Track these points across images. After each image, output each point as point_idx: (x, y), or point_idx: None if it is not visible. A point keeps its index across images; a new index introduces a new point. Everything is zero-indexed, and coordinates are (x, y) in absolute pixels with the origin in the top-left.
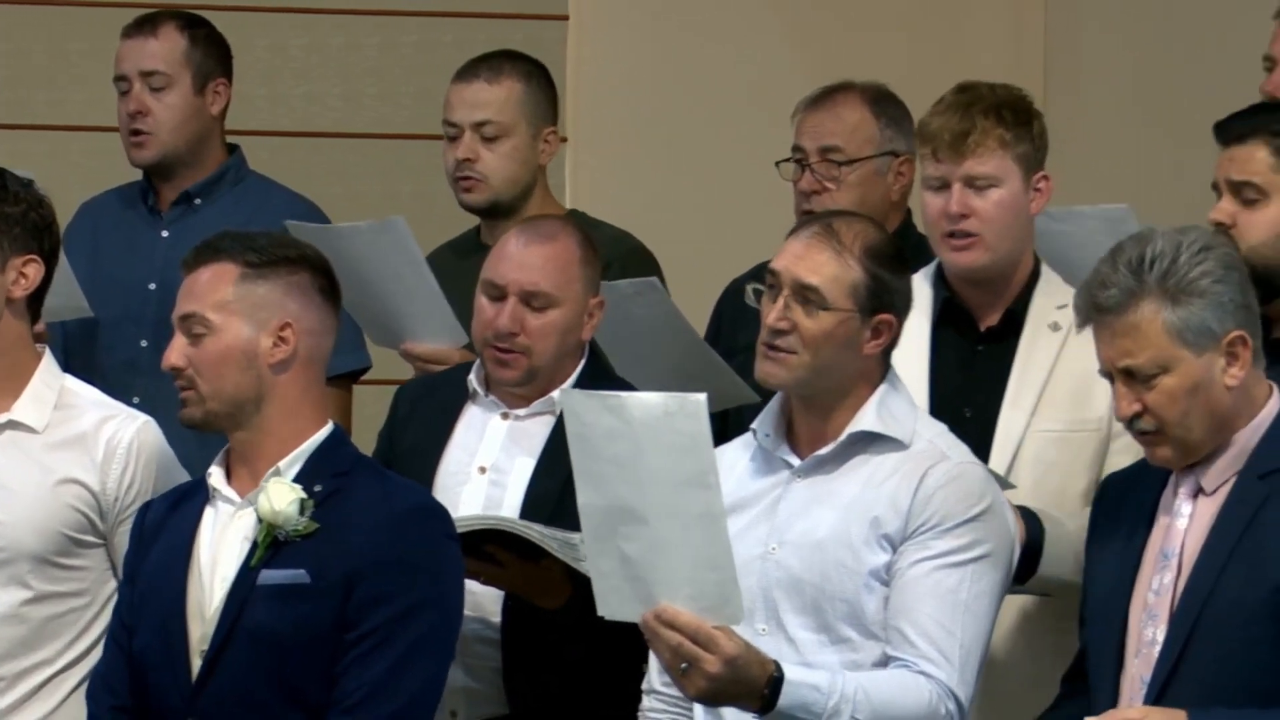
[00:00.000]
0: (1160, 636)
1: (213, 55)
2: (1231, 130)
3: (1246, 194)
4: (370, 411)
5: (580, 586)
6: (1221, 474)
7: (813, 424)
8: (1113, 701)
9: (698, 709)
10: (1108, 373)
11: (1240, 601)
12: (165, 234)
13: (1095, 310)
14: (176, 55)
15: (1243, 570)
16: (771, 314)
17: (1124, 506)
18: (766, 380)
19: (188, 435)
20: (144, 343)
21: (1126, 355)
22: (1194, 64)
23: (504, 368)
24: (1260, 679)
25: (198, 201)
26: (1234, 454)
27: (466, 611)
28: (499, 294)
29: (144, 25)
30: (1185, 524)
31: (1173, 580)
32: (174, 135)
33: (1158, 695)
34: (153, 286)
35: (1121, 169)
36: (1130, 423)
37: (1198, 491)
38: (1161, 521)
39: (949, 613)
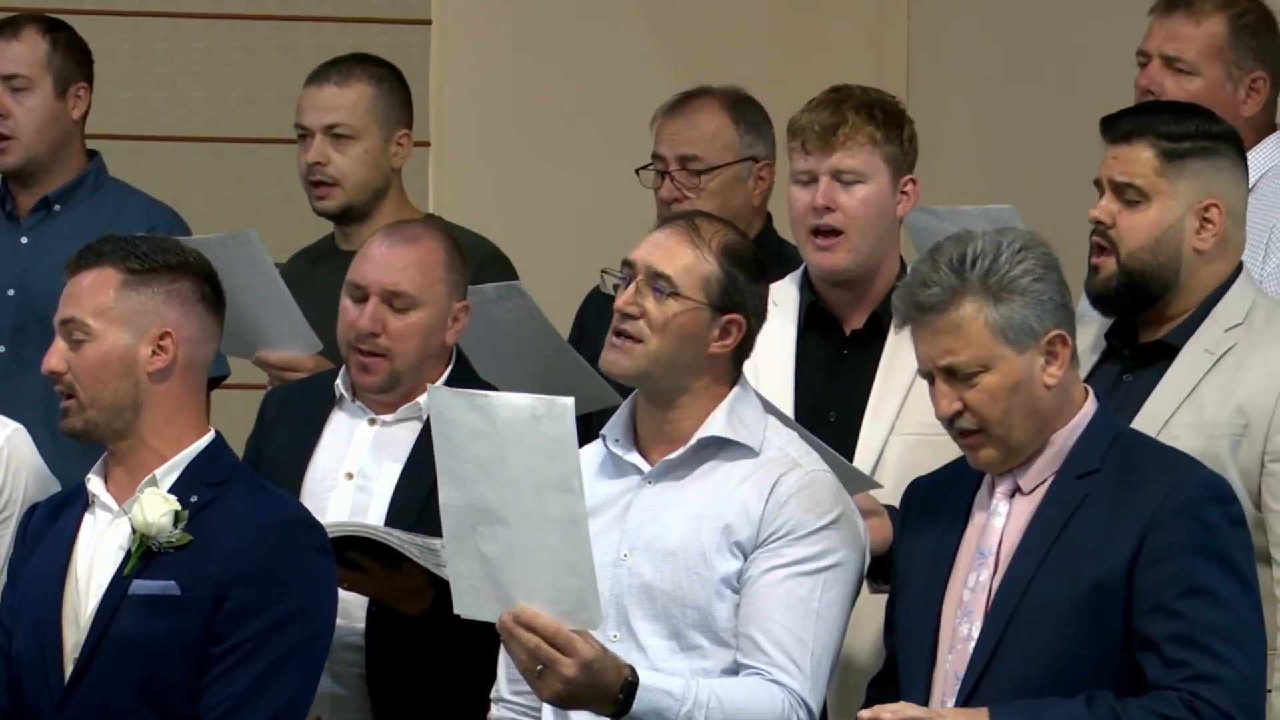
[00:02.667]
0: (975, 632)
1: (73, 59)
2: (1119, 128)
3: (1128, 195)
4: (231, 417)
5: (442, 592)
6: (1040, 474)
7: (658, 426)
8: (924, 698)
9: (546, 712)
10: (927, 373)
11: (1057, 600)
12: (24, 240)
13: (916, 309)
14: (37, 58)
15: (1059, 568)
16: (621, 298)
17: (933, 509)
18: (610, 369)
19: (42, 441)
20: (1, 348)
21: (948, 353)
22: (1056, 70)
23: (365, 373)
24: (1077, 676)
25: (57, 208)
26: (1052, 454)
27: None
28: (361, 295)
29: (5, 28)
30: (1002, 522)
31: (989, 577)
32: (36, 139)
33: (971, 690)
34: (11, 293)
35: (982, 173)
36: (950, 422)
37: (1015, 491)
38: (977, 520)
39: (801, 621)
